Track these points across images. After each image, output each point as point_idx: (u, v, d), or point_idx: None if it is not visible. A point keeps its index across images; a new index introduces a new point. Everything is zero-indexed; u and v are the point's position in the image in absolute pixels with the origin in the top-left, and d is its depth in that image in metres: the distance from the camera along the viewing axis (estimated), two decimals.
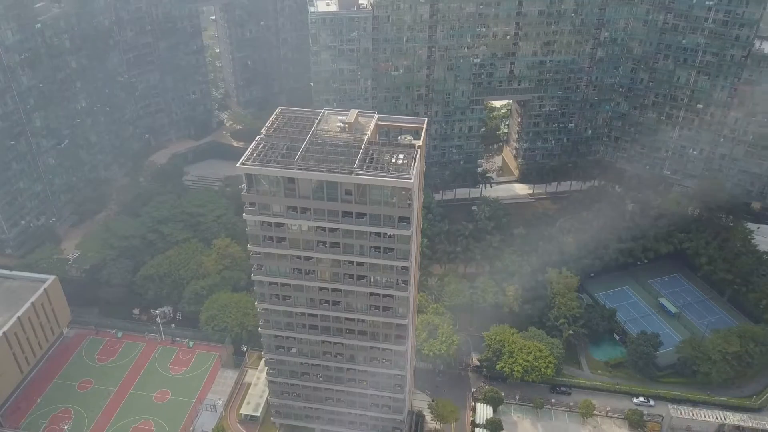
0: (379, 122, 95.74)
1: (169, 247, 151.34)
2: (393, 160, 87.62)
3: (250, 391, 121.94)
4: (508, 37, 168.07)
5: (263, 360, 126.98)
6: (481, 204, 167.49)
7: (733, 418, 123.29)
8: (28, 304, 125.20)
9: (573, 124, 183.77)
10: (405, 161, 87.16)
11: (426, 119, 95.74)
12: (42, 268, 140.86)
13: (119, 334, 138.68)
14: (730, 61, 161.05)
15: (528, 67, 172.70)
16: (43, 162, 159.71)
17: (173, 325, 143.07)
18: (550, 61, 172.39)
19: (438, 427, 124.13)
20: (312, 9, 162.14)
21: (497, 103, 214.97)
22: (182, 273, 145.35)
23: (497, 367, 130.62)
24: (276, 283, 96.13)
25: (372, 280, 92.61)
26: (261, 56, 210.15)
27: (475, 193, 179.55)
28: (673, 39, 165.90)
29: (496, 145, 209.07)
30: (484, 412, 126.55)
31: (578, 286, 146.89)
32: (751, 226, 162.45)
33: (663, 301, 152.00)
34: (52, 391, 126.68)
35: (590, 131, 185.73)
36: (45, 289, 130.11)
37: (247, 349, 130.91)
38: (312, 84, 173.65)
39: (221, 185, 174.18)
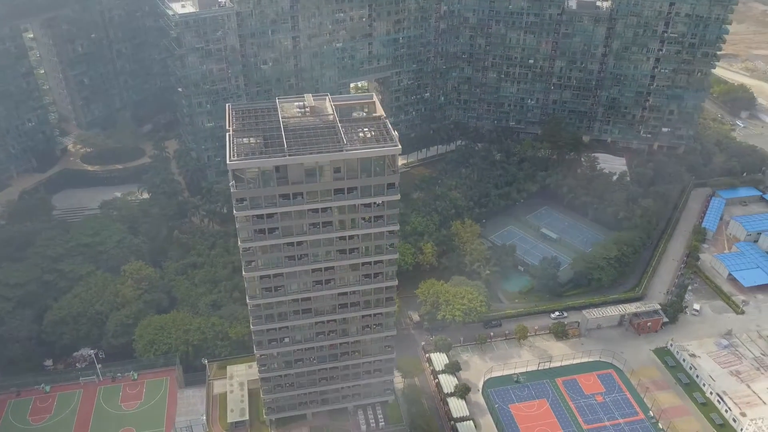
0: (333, 102, 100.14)
1: (74, 284, 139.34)
2: (362, 135, 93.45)
3: (228, 398, 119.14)
4: (364, 19, 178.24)
5: (229, 367, 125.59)
6: None
7: (630, 308, 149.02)
8: None
9: (428, 94, 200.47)
10: (374, 133, 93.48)
11: (374, 94, 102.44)
12: None
13: (47, 388, 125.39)
14: (549, 19, 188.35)
15: (384, 46, 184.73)
16: None
17: (99, 365, 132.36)
18: (402, 38, 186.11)
19: (406, 383, 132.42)
20: (171, 12, 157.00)
21: None
22: (98, 307, 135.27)
23: (439, 317, 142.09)
24: (268, 276, 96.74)
25: (363, 249, 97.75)
26: (97, 72, 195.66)
27: None
28: (501, 5, 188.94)
29: None
30: (439, 359, 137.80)
31: None
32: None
33: (544, 230, 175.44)
34: None
35: (443, 98, 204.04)
36: None
37: (207, 362, 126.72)
38: (180, 89, 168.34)
39: (102, 211, 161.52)
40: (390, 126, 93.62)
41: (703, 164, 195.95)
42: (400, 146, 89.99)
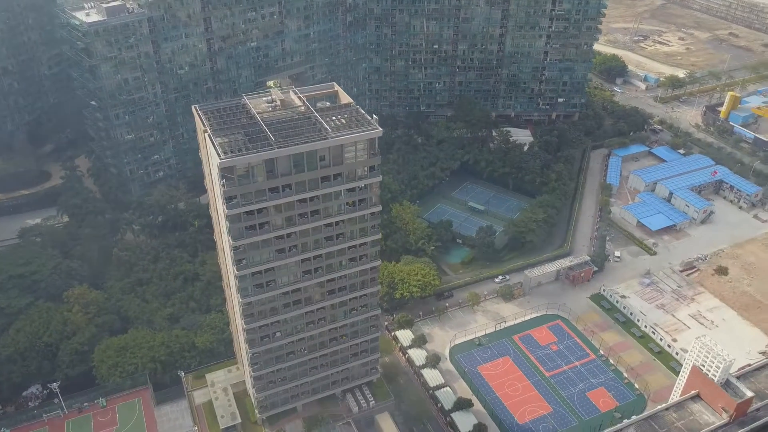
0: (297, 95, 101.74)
1: (14, 319, 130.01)
2: (338, 122, 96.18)
3: (215, 405, 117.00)
4: (275, 16, 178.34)
5: (208, 375, 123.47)
6: None
7: (564, 263, 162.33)
8: None
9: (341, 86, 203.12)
10: (349, 119, 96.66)
11: (334, 83, 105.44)
12: None
13: None
14: (449, 5, 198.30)
15: (296, 42, 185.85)
16: None
17: (56, 400, 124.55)
18: (313, 33, 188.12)
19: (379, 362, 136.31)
20: (77, 22, 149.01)
21: None
22: (47, 339, 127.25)
23: (397, 296, 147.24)
24: (260, 272, 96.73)
25: (349, 234, 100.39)
26: None
27: None
28: None
29: None
30: (405, 336, 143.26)
31: None
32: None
33: (471, 203, 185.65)
34: None
35: (356, 89, 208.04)
36: None
37: (183, 374, 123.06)
38: (93, 102, 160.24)
39: (24, 240, 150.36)
40: (363, 111, 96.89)
41: (596, 128, 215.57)
42: (380, 129, 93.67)
